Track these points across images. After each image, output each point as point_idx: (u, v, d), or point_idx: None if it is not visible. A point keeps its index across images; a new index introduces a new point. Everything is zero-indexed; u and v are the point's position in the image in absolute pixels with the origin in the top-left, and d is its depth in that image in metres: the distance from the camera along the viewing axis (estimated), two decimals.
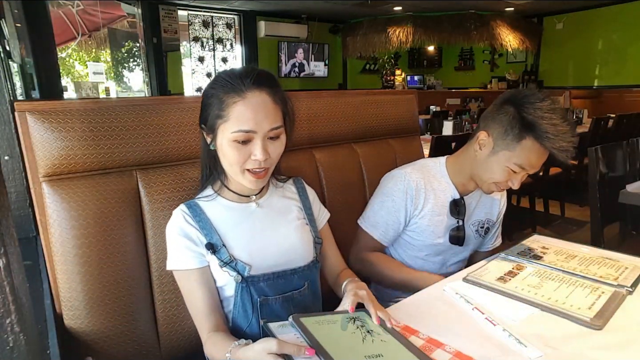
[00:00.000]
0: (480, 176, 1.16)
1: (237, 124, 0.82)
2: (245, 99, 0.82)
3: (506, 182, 1.12)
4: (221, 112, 0.83)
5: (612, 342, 0.76)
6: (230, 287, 0.89)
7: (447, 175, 1.23)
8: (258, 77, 0.84)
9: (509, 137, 1.07)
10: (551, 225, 3.58)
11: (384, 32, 6.72)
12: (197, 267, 0.88)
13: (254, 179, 0.87)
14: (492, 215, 1.31)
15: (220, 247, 0.88)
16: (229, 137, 0.83)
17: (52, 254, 0.90)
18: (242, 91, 0.82)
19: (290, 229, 0.96)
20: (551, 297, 0.89)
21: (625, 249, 1.14)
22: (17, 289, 0.39)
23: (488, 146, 1.12)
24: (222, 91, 0.84)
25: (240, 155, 0.84)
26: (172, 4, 5.84)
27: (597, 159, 1.84)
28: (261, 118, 0.82)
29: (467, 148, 1.21)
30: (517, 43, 6.67)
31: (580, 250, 1.15)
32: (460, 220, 1.22)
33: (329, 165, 1.32)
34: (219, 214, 0.92)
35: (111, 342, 0.94)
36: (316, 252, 0.99)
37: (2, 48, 2.58)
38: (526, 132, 1.04)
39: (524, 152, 1.06)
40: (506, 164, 1.09)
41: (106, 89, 5.63)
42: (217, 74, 0.90)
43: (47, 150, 0.88)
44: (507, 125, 1.07)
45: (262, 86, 0.84)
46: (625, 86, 6.20)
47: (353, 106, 1.41)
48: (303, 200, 1.03)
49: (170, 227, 0.91)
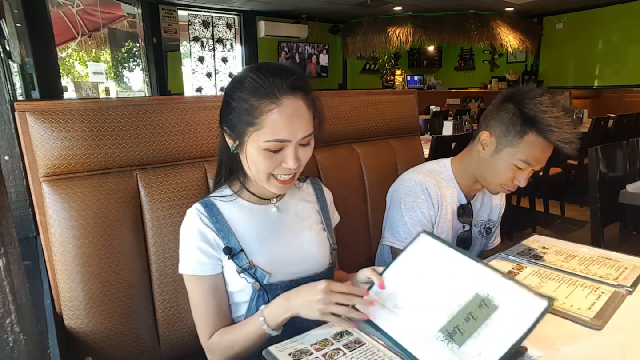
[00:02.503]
0: (486, 177, 1.15)
1: (271, 133, 0.77)
2: (280, 106, 0.76)
3: (512, 182, 1.11)
4: (253, 119, 0.77)
5: (612, 342, 0.76)
6: (246, 293, 0.86)
7: (454, 179, 1.22)
8: (293, 81, 0.78)
9: (512, 134, 1.06)
10: (551, 225, 3.58)
11: (384, 32, 6.71)
12: (211, 274, 0.85)
13: (281, 184, 0.83)
14: (493, 215, 1.32)
15: (239, 252, 0.85)
16: (260, 145, 0.78)
17: (52, 254, 0.90)
18: (276, 97, 0.76)
19: (309, 235, 0.94)
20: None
21: (625, 249, 1.14)
22: (17, 289, 0.39)
23: (491, 145, 1.12)
24: (253, 96, 0.77)
25: (271, 163, 0.80)
26: (172, 4, 5.84)
27: (597, 159, 1.84)
28: (296, 127, 0.78)
29: (470, 150, 1.20)
30: (517, 43, 6.67)
31: (580, 250, 1.14)
32: (467, 225, 1.22)
33: (329, 165, 1.32)
34: (237, 216, 0.88)
35: (111, 342, 0.94)
36: (332, 258, 0.97)
37: (2, 48, 2.58)
38: (528, 127, 1.04)
39: (528, 148, 1.05)
40: (511, 161, 1.08)
41: (106, 89, 5.63)
42: (243, 72, 0.81)
43: (47, 150, 0.88)
44: (509, 122, 1.07)
45: (297, 91, 0.78)
46: (625, 86, 6.20)
47: (353, 106, 1.41)
48: (321, 204, 1.01)
49: (185, 227, 0.87)
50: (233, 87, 0.82)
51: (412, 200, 1.17)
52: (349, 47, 7.36)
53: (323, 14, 6.99)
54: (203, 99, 1.11)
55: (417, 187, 1.18)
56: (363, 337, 0.76)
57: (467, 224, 1.21)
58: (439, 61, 8.44)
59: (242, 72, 0.83)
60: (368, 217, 1.41)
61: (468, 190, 1.22)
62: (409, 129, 1.58)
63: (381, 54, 7.37)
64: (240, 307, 0.89)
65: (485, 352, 0.67)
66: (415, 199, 1.17)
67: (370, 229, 1.42)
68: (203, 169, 1.06)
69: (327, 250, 0.96)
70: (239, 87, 0.80)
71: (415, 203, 1.17)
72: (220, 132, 0.88)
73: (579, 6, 6.47)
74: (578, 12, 6.65)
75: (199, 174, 1.05)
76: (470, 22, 6.52)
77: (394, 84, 7.73)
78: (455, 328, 0.71)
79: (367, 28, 6.98)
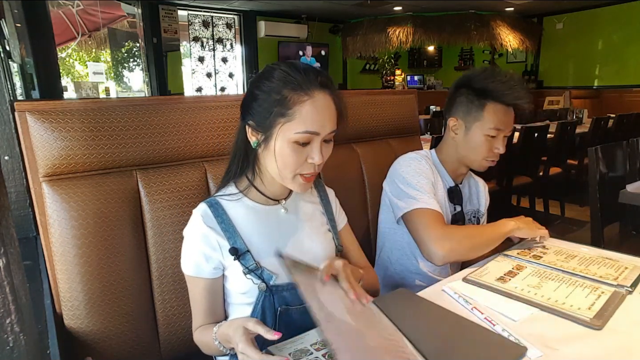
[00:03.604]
0: (468, 156, 1.23)
1: (303, 124, 0.77)
2: (313, 98, 0.78)
3: (493, 151, 1.19)
4: (285, 110, 0.77)
5: (612, 342, 0.76)
6: (252, 294, 0.86)
7: (440, 164, 1.29)
8: (323, 77, 0.80)
9: (473, 111, 1.18)
10: (551, 225, 3.58)
11: (384, 32, 6.72)
12: (209, 278, 0.86)
13: (305, 182, 0.83)
14: (480, 206, 1.38)
15: (245, 253, 0.84)
16: (290, 137, 0.78)
17: (52, 254, 0.90)
18: (309, 89, 0.78)
19: (315, 237, 0.94)
20: (551, 297, 0.89)
21: (625, 249, 1.14)
22: (17, 289, 0.39)
23: (460, 128, 1.22)
24: (286, 87, 0.77)
25: (298, 158, 0.80)
26: (172, 4, 5.84)
27: (597, 159, 1.84)
28: (326, 120, 0.79)
29: (446, 139, 1.29)
30: (517, 43, 6.67)
31: (580, 250, 1.14)
32: (458, 207, 1.28)
33: (329, 165, 1.31)
34: (244, 217, 0.87)
35: (111, 342, 0.94)
36: None
37: (2, 48, 2.58)
38: (484, 98, 1.16)
39: (492, 115, 1.16)
40: (482, 133, 1.17)
41: (106, 89, 5.63)
42: (272, 66, 0.82)
43: (47, 150, 0.88)
44: (467, 102, 1.19)
45: (326, 87, 0.80)
46: (625, 86, 6.20)
47: (353, 106, 1.41)
48: (325, 205, 1.01)
49: (189, 228, 0.86)
50: (261, 79, 0.81)
51: (414, 167, 1.22)
52: (349, 47, 7.37)
53: (323, 14, 6.99)
54: (203, 99, 1.11)
55: (416, 160, 1.24)
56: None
57: (459, 206, 1.29)
58: (439, 61, 8.44)
59: (270, 65, 0.83)
60: (368, 217, 1.41)
61: (455, 176, 1.29)
62: (409, 129, 1.58)
63: (381, 54, 7.37)
64: (246, 308, 0.88)
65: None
66: (418, 165, 1.23)
67: (370, 229, 1.42)
68: (203, 169, 1.07)
69: (333, 251, 0.96)
70: (269, 79, 0.80)
71: (418, 169, 1.21)
72: (240, 127, 0.87)
73: (579, 6, 6.48)
74: (578, 12, 6.66)
75: (199, 174, 1.05)
76: (470, 22, 6.52)
77: (394, 84, 7.73)
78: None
79: (367, 28, 6.98)
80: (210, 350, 0.86)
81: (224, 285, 0.89)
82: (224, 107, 1.10)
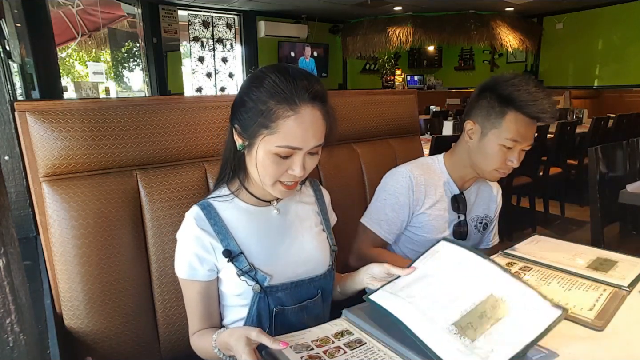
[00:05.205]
0: (480, 164, 1.18)
1: (284, 139, 0.76)
2: (298, 114, 0.76)
3: (505, 163, 1.14)
4: (269, 122, 0.76)
5: (612, 343, 0.76)
6: (246, 296, 0.86)
7: (446, 172, 1.26)
8: (314, 90, 0.78)
9: (493, 117, 1.12)
10: (551, 225, 3.58)
11: (384, 32, 6.72)
12: (203, 281, 0.85)
13: (285, 189, 0.83)
14: (489, 211, 1.34)
15: (239, 255, 0.84)
16: (271, 149, 0.78)
17: (52, 254, 0.90)
18: (296, 105, 0.76)
19: (310, 237, 0.93)
20: (551, 297, 0.89)
21: (625, 249, 1.14)
22: (17, 289, 0.39)
23: (477, 132, 1.16)
24: (272, 99, 0.76)
25: (278, 169, 0.80)
26: (172, 4, 5.84)
27: (597, 159, 1.84)
28: (310, 136, 0.78)
29: (460, 142, 1.25)
30: (517, 43, 6.67)
31: (580, 250, 1.14)
32: (461, 215, 1.24)
33: (329, 165, 1.32)
34: (236, 218, 0.87)
35: (111, 342, 0.94)
36: (332, 259, 0.96)
37: (2, 48, 2.58)
38: (506, 106, 1.09)
39: (511, 125, 1.09)
40: (498, 142, 1.12)
41: (106, 89, 5.63)
42: (263, 72, 0.79)
43: (47, 150, 0.88)
44: (488, 107, 1.13)
45: (316, 101, 0.78)
46: (625, 86, 6.20)
47: (353, 106, 1.41)
48: (320, 205, 1.00)
49: (182, 231, 0.86)
50: (251, 86, 0.80)
51: (392, 185, 1.24)
52: (349, 47, 7.36)
53: (323, 14, 6.99)
54: (203, 99, 1.11)
55: (401, 174, 1.23)
56: (364, 337, 0.76)
57: (462, 214, 1.24)
58: (439, 61, 8.44)
59: (262, 71, 0.81)
60: None
61: (462, 182, 1.26)
62: (409, 129, 1.58)
63: (381, 54, 7.37)
64: (241, 310, 0.88)
65: (498, 349, 0.67)
66: (395, 184, 1.23)
67: None
68: (203, 169, 1.06)
69: (328, 251, 0.96)
70: (258, 87, 0.78)
71: (394, 188, 1.23)
72: (229, 128, 0.87)
73: (579, 6, 6.48)
74: (578, 12, 6.65)
75: (199, 174, 1.05)
76: (470, 22, 6.52)
77: (394, 84, 7.73)
78: (469, 324, 0.71)
79: (367, 28, 6.98)
80: (209, 355, 0.85)
81: (219, 288, 0.89)
82: (224, 107, 1.10)
